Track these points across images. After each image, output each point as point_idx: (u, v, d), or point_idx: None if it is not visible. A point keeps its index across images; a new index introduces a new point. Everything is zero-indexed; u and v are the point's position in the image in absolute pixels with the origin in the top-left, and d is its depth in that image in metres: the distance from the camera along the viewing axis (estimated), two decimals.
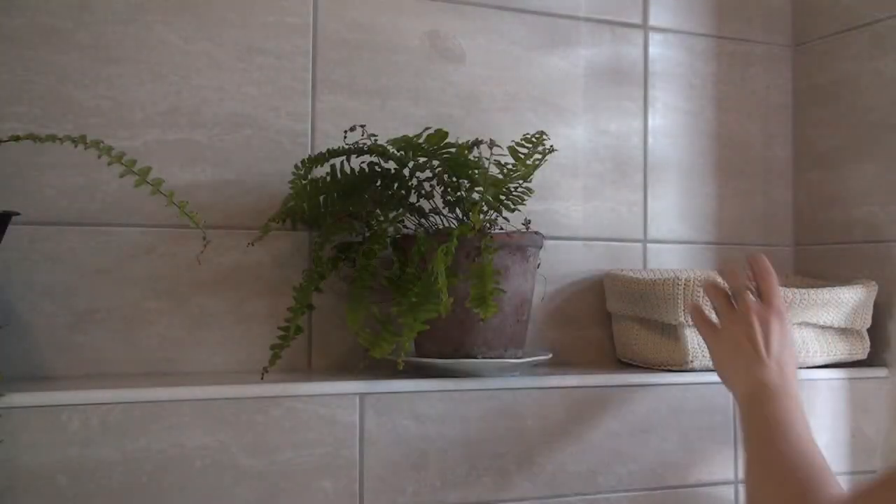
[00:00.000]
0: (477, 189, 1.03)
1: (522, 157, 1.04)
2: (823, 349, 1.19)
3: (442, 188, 1.05)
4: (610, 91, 1.30)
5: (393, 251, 1.03)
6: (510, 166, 1.04)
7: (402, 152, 1.03)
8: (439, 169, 1.03)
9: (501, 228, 1.05)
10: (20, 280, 1.00)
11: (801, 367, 0.99)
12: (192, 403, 0.90)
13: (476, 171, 1.01)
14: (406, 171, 1.06)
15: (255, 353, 1.07)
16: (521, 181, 1.05)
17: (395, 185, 1.06)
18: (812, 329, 1.19)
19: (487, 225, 1.02)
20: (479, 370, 1.01)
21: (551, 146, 1.06)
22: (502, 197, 1.05)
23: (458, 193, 1.04)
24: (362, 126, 1.04)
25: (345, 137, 1.03)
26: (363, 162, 1.07)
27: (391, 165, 1.06)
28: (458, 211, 1.05)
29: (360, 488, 0.96)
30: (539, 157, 1.05)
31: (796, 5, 1.42)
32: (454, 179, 1.03)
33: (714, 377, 1.03)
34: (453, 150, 1.00)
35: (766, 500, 0.81)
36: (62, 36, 1.02)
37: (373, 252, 0.99)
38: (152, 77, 1.06)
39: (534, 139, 1.05)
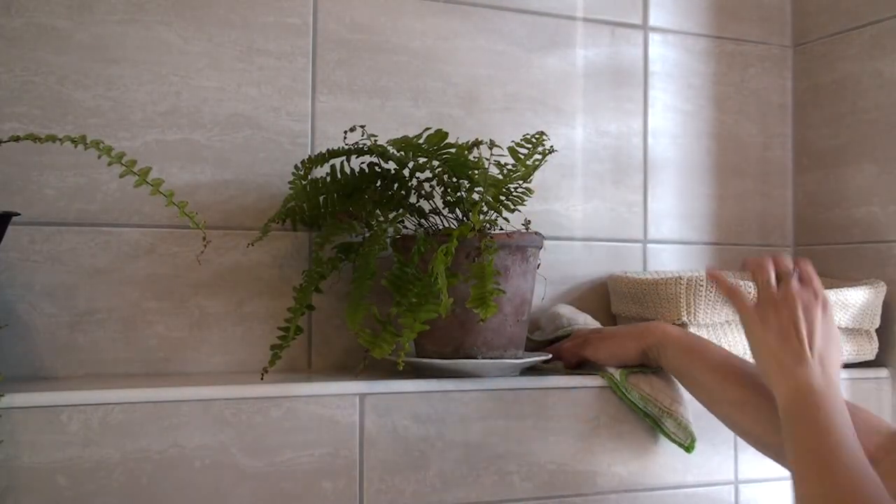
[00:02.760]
0: (477, 189, 1.03)
1: (522, 157, 1.04)
2: None
3: (442, 188, 1.05)
4: (610, 91, 1.30)
5: (393, 251, 1.03)
6: (510, 166, 1.04)
7: (402, 153, 1.03)
8: (439, 169, 1.03)
9: (501, 229, 1.04)
10: (20, 280, 1.00)
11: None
12: (192, 403, 0.90)
13: (476, 172, 1.01)
14: (406, 172, 1.06)
15: (255, 353, 1.07)
16: (520, 181, 1.05)
17: (395, 185, 1.06)
18: None
19: (487, 225, 1.02)
20: (479, 370, 1.01)
21: (551, 146, 1.06)
22: (502, 197, 1.05)
23: (458, 194, 1.04)
24: (362, 126, 1.04)
25: (345, 138, 1.03)
26: (363, 162, 1.07)
27: (391, 166, 1.06)
28: (458, 211, 1.05)
29: (360, 488, 0.96)
30: (539, 157, 1.05)
31: (796, 5, 1.42)
32: (454, 180, 1.03)
33: None
34: (453, 150, 1.00)
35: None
36: (62, 36, 1.02)
37: (373, 252, 0.99)
38: (152, 77, 1.06)
39: (533, 139, 1.05)
